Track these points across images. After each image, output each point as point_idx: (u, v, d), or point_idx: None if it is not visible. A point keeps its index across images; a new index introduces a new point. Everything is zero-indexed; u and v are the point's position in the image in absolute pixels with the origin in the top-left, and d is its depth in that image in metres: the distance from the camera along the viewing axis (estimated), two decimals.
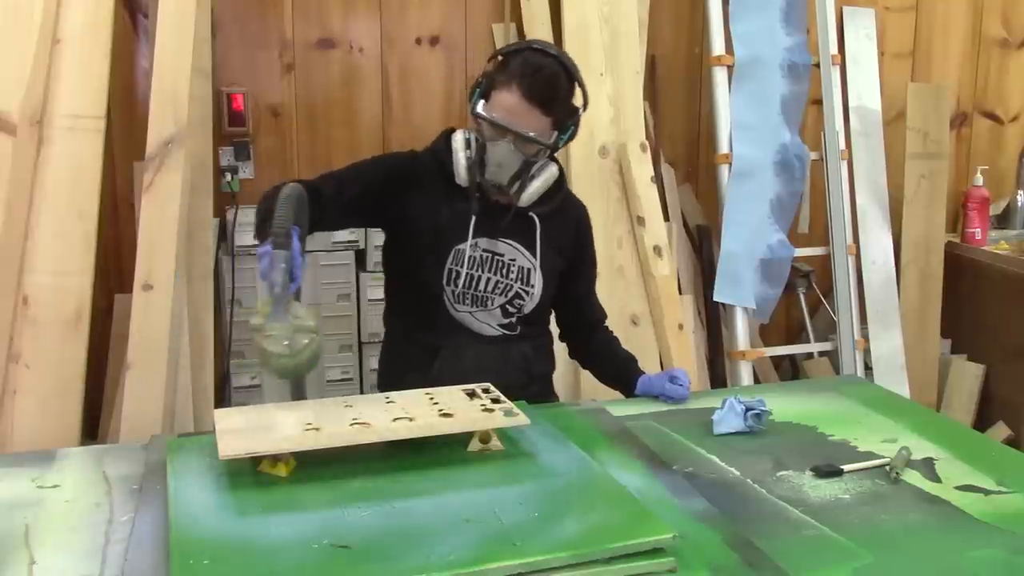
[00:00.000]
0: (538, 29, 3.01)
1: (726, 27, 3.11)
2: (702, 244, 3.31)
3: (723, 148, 3.11)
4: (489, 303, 1.89)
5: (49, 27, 2.24)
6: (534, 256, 1.90)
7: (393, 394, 1.61)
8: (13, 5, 2.22)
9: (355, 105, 3.13)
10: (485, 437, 1.48)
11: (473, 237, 1.86)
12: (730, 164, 3.08)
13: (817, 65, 3.21)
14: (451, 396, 1.59)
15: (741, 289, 3.07)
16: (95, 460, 1.54)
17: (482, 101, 1.79)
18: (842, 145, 3.23)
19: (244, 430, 1.42)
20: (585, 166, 2.89)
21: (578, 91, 1.84)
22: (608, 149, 2.92)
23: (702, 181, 3.44)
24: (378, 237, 2.93)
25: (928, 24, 3.55)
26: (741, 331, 3.10)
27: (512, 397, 1.61)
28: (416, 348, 1.93)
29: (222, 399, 2.85)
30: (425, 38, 3.14)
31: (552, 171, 1.86)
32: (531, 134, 1.77)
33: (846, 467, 1.52)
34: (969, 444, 1.67)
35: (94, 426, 2.67)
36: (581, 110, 1.85)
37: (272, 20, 3.02)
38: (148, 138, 2.32)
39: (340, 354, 2.99)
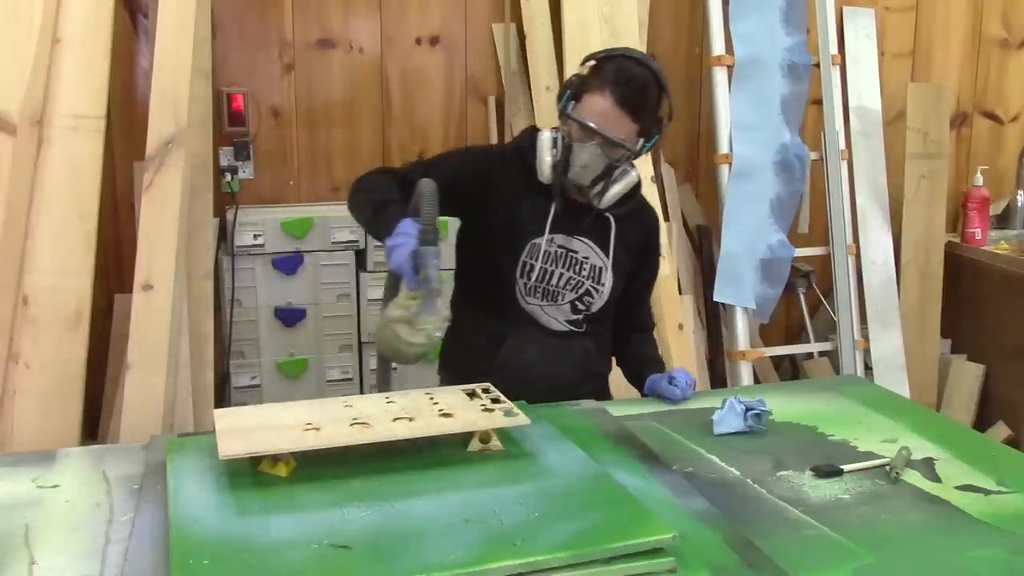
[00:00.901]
0: (538, 29, 3.01)
1: (726, 27, 3.11)
2: (702, 244, 3.32)
3: (723, 148, 3.11)
4: (560, 298, 1.93)
5: (49, 27, 2.24)
6: (607, 256, 1.94)
7: (393, 394, 1.61)
8: (13, 5, 2.22)
9: (355, 105, 3.13)
10: (485, 437, 1.48)
11: (549, 233, 1.90)
12: (730, 164, 3.08)
13: (817, 65, 3.21)
14: (451, 396, 1.59)
15: (741, 289, 3.07)
16: (95, 460, 1.54)
17: (573, 103, 1.83)
18: (842, 145, 3.23)
19: (244, 430, 1.42)
20: None
21: (665, 102, 1.88)
22: None
23: (702, 181, 3.45)
24: None
25: (928, 24, 3.55)
26: (741, 331, 3.10)
27: (568, 393, 1.68)
28: (482, 337, 1.96)
29: (222, 399, 2.85)
30: (425, 38, 3.14)
31: (633, 176, 1.90)
32: (619, 139, 1.80)
33: (846, 467, 1.52)
34: (969, 444, 1.67)
35: (94, 426, 2.67)
36: (666, 121, 1.89)
37: (272, 20, 3.02)
38: (148, 138, 2.32)
39: (340, 354, 2.99)
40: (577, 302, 1.94)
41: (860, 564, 1.22)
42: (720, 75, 3.12)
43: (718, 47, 3.12)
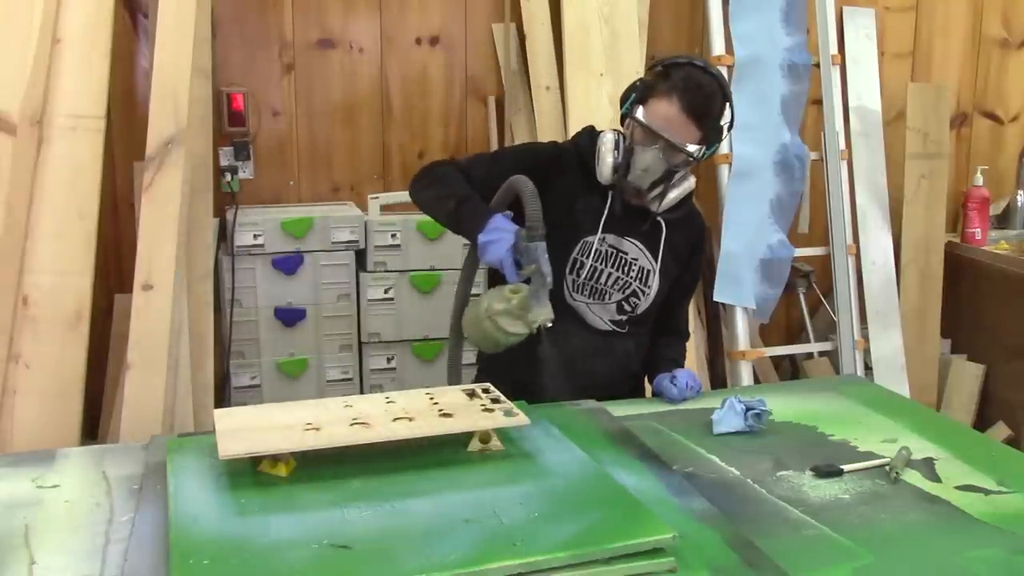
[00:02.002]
0: (538, 29, 3.01)
1: (726, 27, 3.11)
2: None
3: (723, 148, 3.10)
4: (607, 297, 1.95)
5: (49, 27, 2.24)
6: (656, 259, 1.96)
7: (393, 394, 1.61)
8: (13, 5, 2.22)
9: (355, 105, 3.13)
10: (485, 437, 1.47)
11: (602, 232, 1.92)
12: (730, 164, 3.08)
13: (817, 65, 3.21)
14: (451, 396, 1.59)
15: (741, 289, 3.07)
16: (95, 460, 1.54)
17: (639, 106, 1.85)
18: (842, 145, 3.23)
19: (244, 430, 1.42)
20: None
21: (727, 111, 1.90)
22: None
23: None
24: (379, 237, 2.93)
25: (928, 24, 3.55)
26: (741, 331, 3.10)
27: (606, 391, 1.72)
28: None
29: (222, 399, 2.85)
30: (425, 38, 3.15)
31: (690, 183, 1.93)
32: (682, 145, 1.82)
33: (846, 467, 1.52)
34: (969, 444, 1.67)
35: (94, 426, 2.67)
36: (726, 131, 1.91)
37: (272, 20, 3.02)
38: (148, 138, 2.32)
39: (340, 354, 2.99)
40: (624, 303, 1.96)
41: (860, 564, 1.22)
42: None
43: (718, 47, 3.12)
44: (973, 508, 1.40)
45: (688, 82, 1.82)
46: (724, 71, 3.10)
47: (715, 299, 3.09)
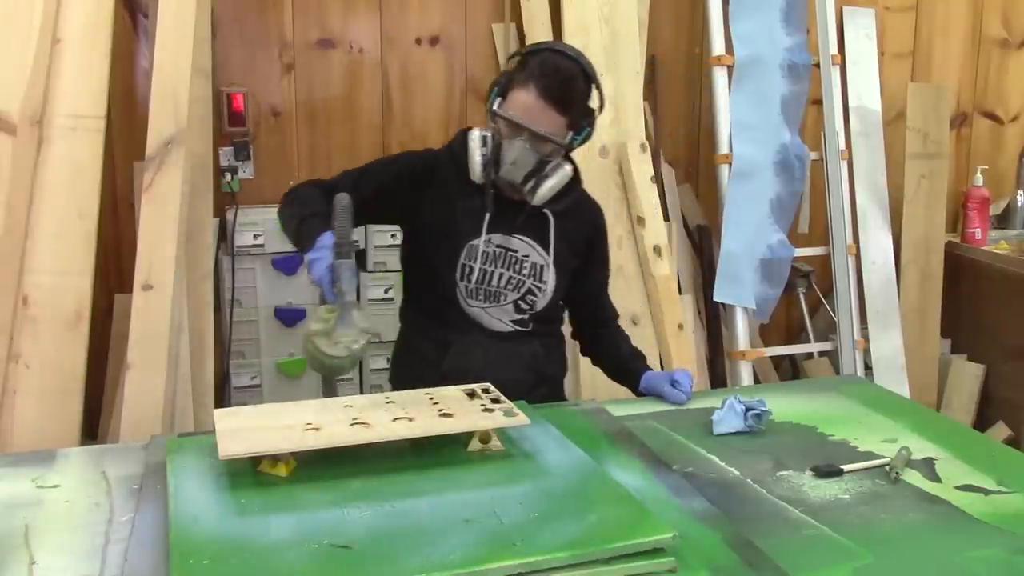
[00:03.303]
0: (538, 29, 3.01)
1: (726, 27, 3.11)
2: (702, 244, 3.32)
3: (723, 148, 3.11)
4: (502, 299, 1.91)
5: (49, 27, 2.24)
6: (547, 253, 1.92)
7: (393, 394, 1.61)
8: (13, 5, 2.22)
9: (355, 105, 3.13)
10: (485, 437, 1.47)
11: (487, 233, 1.88)
12: (730, 164, 3.08)
13: (817, 65, 3.21)
14: (451, 396, 1.59)
15: (741, 289, 3.07)
16: (95, 460, 1.54)
17: (499, 99, 1.82)
18: (842, 145, 3.23)
19: (244, 430, 1.42)
20: (585, 166, 2.84)
21: (595, 93, 1.87)
22: (608, 149, 2.92)
23: (702, 181, 3.45)
24: (379, 237, 2.94)
25: (928, 24, 3.55)
26: (741, 331, 3.10)
27: (521, 396, 1.62)
28: (428, 343, 1.95)
29: (222, 399, 2.85)
30: (425, 38, 3.14)
31: (566, 171, 1.87)
32: (546, 133, 1.79)
33: (846, 467, 1.52)
34: (969, 444, 1.67)
35: (94, 426, 2.67)
36: (597, 112, 1.87)
37: (272, 20, 3.02)
38: (148, 138, 2.32)
39: None
40: (520, 301, 1.92)
41: (860, 564, 1.22)
42: (720, 75, 3.12)
43: (718, 47, 3.12)
44: (973, 508, 1.40)
45: (544, 67, 1.78)
46: (724, 71, 3.11)
47: (715, 299, 3.09)
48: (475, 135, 1.84)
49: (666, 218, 3.07)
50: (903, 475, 1.51)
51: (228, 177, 2.99)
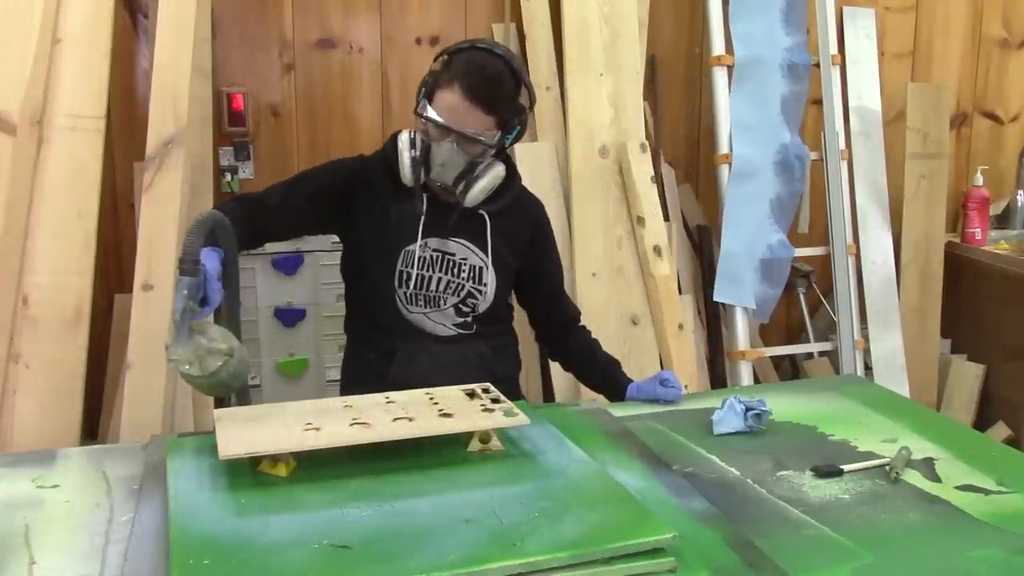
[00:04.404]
0: (538, 29, 3.01)
1: (726, 27, 3.11)
2: (702, 244, 3.32)
3: (723, 148, 3.11)
4: (442, 303, 1.89)
5: (49, 27, 2.24)
6: (486, 254, 1.89)
7: (393, 394, 1.61)
8: (13, 5, 2.22)
9: (355, 105, 3.13)
10: (485, 437, 1.48)
11: (423, 238, 1.85)
12: (730, 164, 3.08)
13: (817, 65, 3.21)
14: (451, 396, 1.59)
15: (741, 289, 3.07)
16: (95, 460, 1.54)
17: (425, 101, 1.79)
18: (842, 145, 3.23)
19: (244, 430, 1.42)
20: (585, 166, 2.89)
21: (525, 91, 1.83)
22: (608, 149, 2.92)
23: (702, 181, 3.44)
24: None
25: (928, 24, 3.55)
26: (741, 331, 3.10)
27: None
28: (373, 353, 1.93)
29: (222, 399, 2.84)
30: (425, 38, 3.14)
31: (498, 171, 1.83)
32: (473, 134, 1.76)
33: (846, 467, 1.52)
34: (969, 444, 1.67)
35: (94, 426, 2.67)
36: (528, 110, 1.83)
37: (272, 20, 3.02)
38: (148, 138, 2.32)
39: (340, 354, 2.96)
40: (460, 305, 1.89)
41: (860, 564, 1.22)
42: (720, 75, 3.12)
43: (718, 47, 3.12)
44: (973, 508, 1.40)
45: (469, 66, 1.75)
46: (724, 71, 3.11)
47: (715, 299, 3.09)
48: (404, 137, 1.81)
49: (666, 218, 3.07)
50: (903, 475, 1.51)
51: (228, 177, 2.99)
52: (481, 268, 1.89)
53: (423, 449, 1.44)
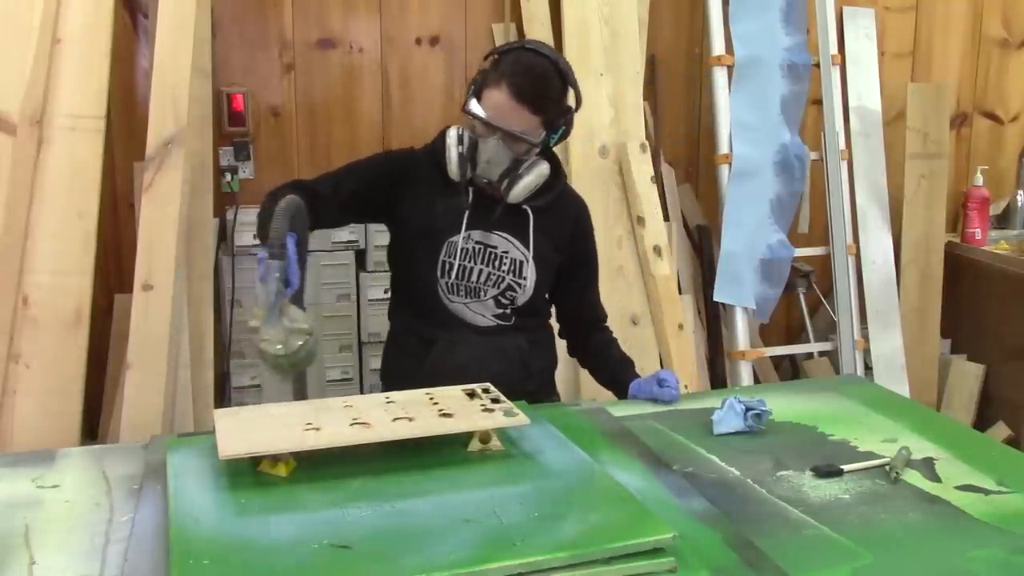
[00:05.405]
0: (537, 29, 3.01)
1: (726, 27, 3.11)
2: (702, 244, 3.32)
3: (723, 148, 3.11)
4: (482, 294, 1.92)
5: (49, 27, 2.24)
6: (527, 249, 1.92)
7: (393, 394, 1.61)
8: (13, 5, 2.22)
9: (355, 105, 3.13)
10: (485, 437, 1.48)
11: (466, 230, 1.89)
12: (730, 164, 3.08)
13: (817, 65, 3.21)
14: (451, 396, 1.59)
15: (741, 289, 3.07)
16: (95, 460, 1.54)
17: (474, 99, 1.83)
18: (842, 145, 3.23)
19: (244, 430, 1.42)
20: (585, 166, 2.89)
21: (571, 92, 1.87)
22: (608, 149, 2.92)
23: (702, 181, 3.45)
24: (379, 237, 2.94)
25: (928, 24, 3.55)
26: (741, 331, 3.10)
27: (509, 391, 1.62)
28: (414, 340, 1.97)
29: (222, 399, 2.85)
30: (425, 38, 3.14)
31: (542, 168, 1.87)
32: (519, 132, 1.79)
33: (846, 467, 1.52)
34: (969, 444, 1.67)
35: (94, 426, 2.67)
36: (574, 111, 1.87)
37: (272, 20, 3.02)
38: (148, 138, 2.32)
39: (340, 354, 2.99)
40: (500, 297, 1.93)
41: (860, 564, 1.22)
42: (720, 75, 3.12)
43: (718, 47, 3.12)
44: (973, 508, 1.40)
45: (516, 66, 1.78)
46: (724, 71, 3.11)
47: (715, 299, 3.09)
48: (452, 133, 1.86)
49: (666, 218, 3.07)
50: (903, 475, 1.51)
51: (228, 177, 2.99)
52: (522, 262, 1.92)
53: (423, 449, 1.44)
